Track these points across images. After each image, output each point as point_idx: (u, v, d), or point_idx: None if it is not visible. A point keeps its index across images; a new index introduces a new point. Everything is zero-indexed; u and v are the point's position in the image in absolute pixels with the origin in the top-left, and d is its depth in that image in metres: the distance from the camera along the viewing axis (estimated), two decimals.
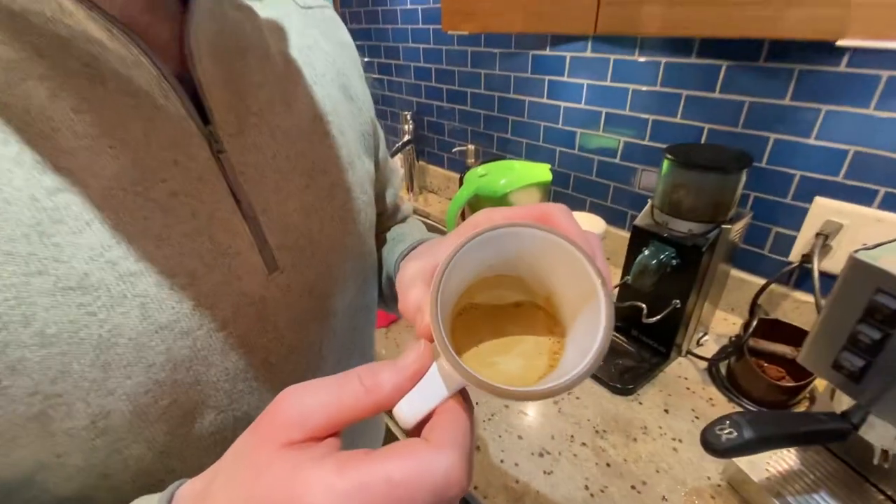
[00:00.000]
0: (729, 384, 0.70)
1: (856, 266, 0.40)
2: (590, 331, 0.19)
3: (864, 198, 0.66)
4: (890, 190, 0.64)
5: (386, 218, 0.50)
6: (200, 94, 0.25)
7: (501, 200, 0.90)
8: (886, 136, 0.62)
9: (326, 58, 0.36)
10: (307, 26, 0.35)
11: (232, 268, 0.27)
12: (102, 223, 0.22)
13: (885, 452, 0.45)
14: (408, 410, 0.19)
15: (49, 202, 0.20)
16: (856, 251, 0.40)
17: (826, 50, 0.63)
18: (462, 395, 0.20)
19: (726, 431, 0.44)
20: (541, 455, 0.62)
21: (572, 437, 0.64)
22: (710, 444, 0.44)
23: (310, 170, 0.32)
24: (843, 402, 0.46)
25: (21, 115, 0.20)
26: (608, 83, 0.89)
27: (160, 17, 0.24)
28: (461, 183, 1.09)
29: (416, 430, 0.19)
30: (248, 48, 0.29)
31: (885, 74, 0.60)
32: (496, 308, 0.25)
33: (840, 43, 0.41)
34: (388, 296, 0.46)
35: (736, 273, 0.81)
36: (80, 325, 0.21)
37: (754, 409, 0.66)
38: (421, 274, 0.24)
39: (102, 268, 0.22)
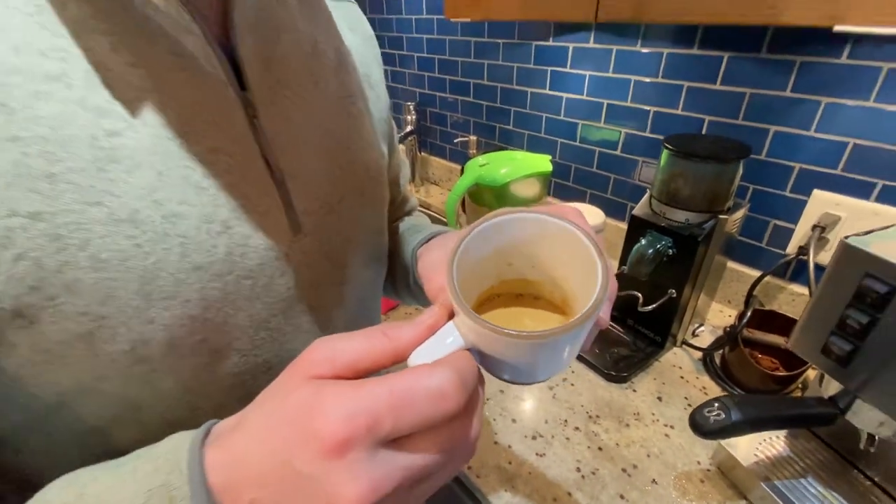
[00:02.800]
0: (723, 374, 0.71)
1: (846, 251, 0.41)
2: (590, 291, 0.20)
3: (861, 191, 0.67)
4: (888, 183, 0.64)
5: (396, 206, 0.52)
6: (240, 64, 0.28)
7: (502, 190, 0.91)
8: (886, 129, 0.62)
9: (353, 47, 0.39)
10: (336, 17, 0.38)
11: (261, 224, 0.29)
12: (151, 167, 0.24)
13: (871, 437, 0.46)
14: (422, 358, 0.21)
15: (106, 143, 0.23)
16: (846, 237, 0.41)
17: (827, 41, 0.63)
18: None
19: (714, 413, 0.45)
20: (534, 438, 0.62)
21: (566, 421, 0.65)
22: (699, 425, 0.45)
23: (334, 144, 0.34)
24: (831, 388, 0.46)
25: (84, 65, 0.22)
26: (610, 74, 0.89)
27: None
28: (462, 174, 1.09)
29: None
30: (281, 28, 0.31)
31: (885, 66, 0.60)
32: (515, 298, 0.27)
33: (837, 29, 0.41)
34: (398, 280, 0.48)
35: (733, 265, 0.82)
36: (128, 254, 0.23)
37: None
38: (443, 260, 0.27)
39: (149, 206, 0.24)
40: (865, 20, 0.40)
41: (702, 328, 0.81)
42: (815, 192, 0.70)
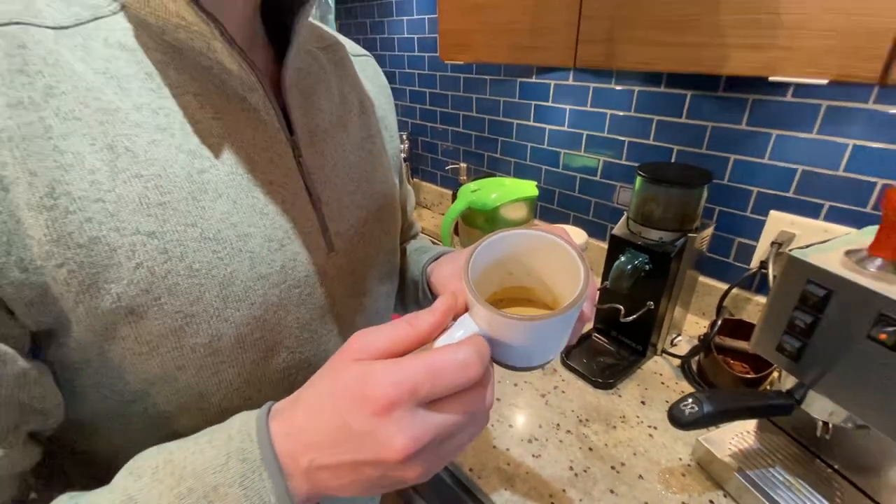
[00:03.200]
0: (699, 379, 0.77)
1: (791, 262, 0.48)
2: (575, 290, 0.26)
3: (811, 211, 0.75)
4: (833, 204, 0.73)
5: (403, 231, 0.58)
6: (288, 113, 0.34)
7: (492, 213, 0.98)
8: (829, 157, 0.71)
9: (373, 96, 0.46)
10: (359, 69, 0.45)
11: (305, 243, 0.35)
12: (228, 197, 0.30)
13: (825, 425, 0.52)
14: (445, 341, 0.26)
15: (198, 178, 0.29)
16: (790, 250, 0.48)
17: (772, 83, 0.73)
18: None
19: (689, 407, 0.51)
20: (530, 441, 0.67)
21: (558, 425, 0.70)
22: (676, 418, 0.51)
23: (359, 178, 0.41)
24: (788, 382, 0.53)
25: (181, 118, 0.28)
26: (588, 108, 0.99)
27: (258, 46, 0.34)
28: (454, 198, 1.17)
29: None
30: (318, 84, 0.38)
31: (824, 104, 0.70)
32: (514, 301, 0.34)
33: (772, 78, 0.50)
34: (410, 298, 0.53)
35: (704, 279, 0.89)
36: (212, 265, 0.29)
37: None
38: (454, 273, 0.38)
39: (228, 227, 0.30)
40: (795, 72, 0.48)
41: (679, 338, 0.88)
42: (772, 212, 0.79)
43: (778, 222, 0.78)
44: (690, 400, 0.51)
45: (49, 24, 0.25)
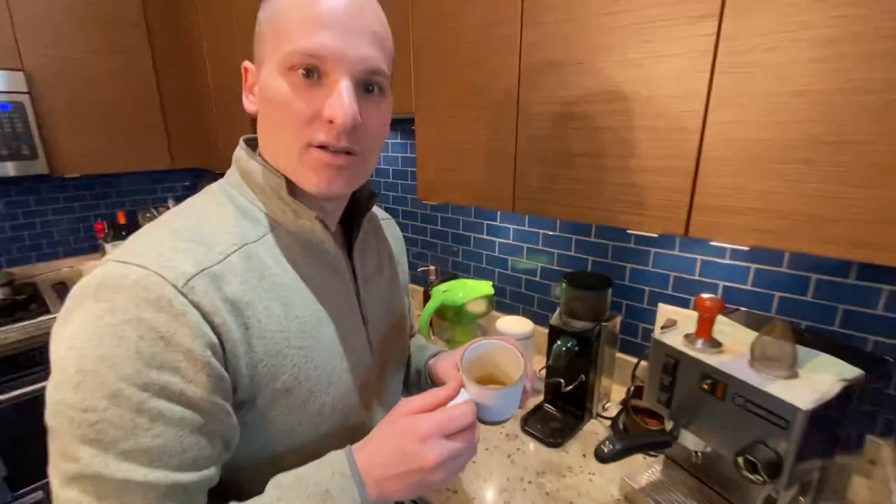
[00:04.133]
0: (625, 434, 1.01)
1: (655, 343, 0.76)
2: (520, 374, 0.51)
3: (684, 303, 1.07)
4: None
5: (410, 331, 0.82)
6: (355, 266, 0.58)
7: (460, 308, 1.23)
8: (687, 267, 1.05)
9: (393, 247, 0.72)
10: (384, 229, 0.71)
11: (362, 351, 0.57)
12: (330, 325, 0.52)
13: (696, 453, 0.77)
14: (454, 403, 0.49)
15: (317, 317, 0.51)
16: (654, 335, 0.76)
17: None
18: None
19: (606, 446, 0.74)
20: (500, 492, 0.86)
21: (521, 478, 0.90)
22: (598, 454, 0.74)
23: (388, 304, 0.65)
24: (669, 425, 0.78)
25: (310, 284, 0.51)
26: (526, 228, 1.32)
27: (331, 221, 0.57)
28: (425, 295, 1.42)
29: None
30: (367, 247, 0.63)
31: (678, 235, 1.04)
32: (488, 381, 0.57)
33: (629, 231, 0.82)
34: (412, 381, 0.75)
35: (621, 356, 1.17)
36: (324, 364, 0.51)
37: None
38: (452, 365, 0.61)
39: (331, 342, 0.52)
40: (642, 229, 0.80)
41: (609, 403, 1.12)
42: (660, 305, 1.10)
43: (664, 311, 1.09)
44: (607, 441, 0.75)
45: (253, 240, 0.49)
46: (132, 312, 0.39)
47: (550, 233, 1.27)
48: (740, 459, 0.62)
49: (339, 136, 0.45)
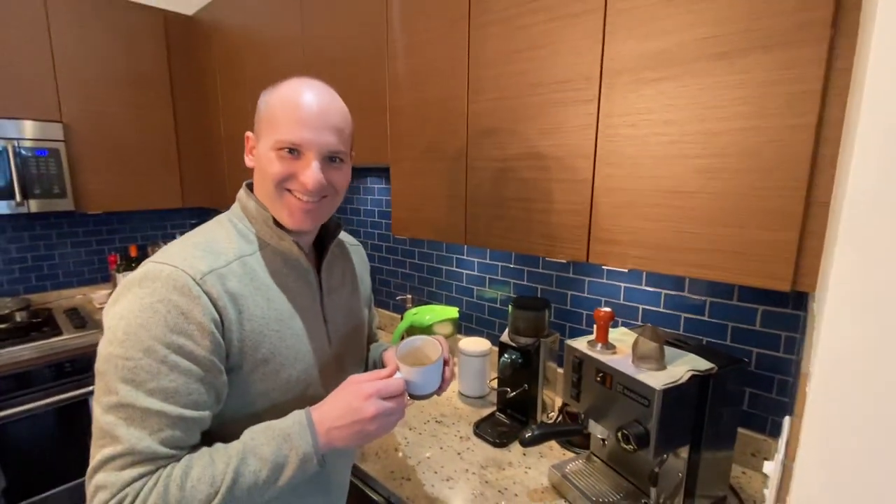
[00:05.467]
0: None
1: (567, 347, 0.94)
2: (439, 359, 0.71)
3: (614, 324, 1.26)
4: (622, 319, 1.24)
5: (370, 337, 1.00)
6: (322, 278, 0.78)
7: (427, 329, 1.41)
8: (613, 292, 1.25)
9: (357, 268, 0.91)
10: (351, 253, 0.92)
11: (322, 340, 0.76)
12: (298, 317, 0.72)
13: (603, 440, 0.93)
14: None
15: (290, 311, 0.71)
16: (566, 340, 0.95)
17: None
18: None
19: (528, 433, 0.91)
20: (447, 479, 1.01)
21: (467, 469, 1.05)
22: (522, 439, 0.91)
23: (348, 311, 0.84)
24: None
25: (286, 288, 0.71)
26: (488, 261, 1.52)
27: (306, 244, 0.78)
28: (402, 319, 1.60)
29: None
30: (333, 265, 0.83)
31: (605, 268, 1.25)
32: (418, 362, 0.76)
33: (549, 259, 1.02)
34: (370, 369, 0.93)
35: (560, 370, 1.34)
36: (293, 343, 0.70)
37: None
38: (394, 353, 0.77)
39: (299, 329, 0.71)
40: (561, 257, 1.00)
41: (553, 413, 1.28)
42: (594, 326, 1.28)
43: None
44: (528, 429, 0.91)
45: (248, 254, 0.70)
46: (164, 295, 0.59)
47: (508, 265, 1.47)
48: (619, 434, 0.80)
49: (310, 194, 0.68)
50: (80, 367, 1.86)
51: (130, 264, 2.37)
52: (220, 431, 0.66)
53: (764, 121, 0.70)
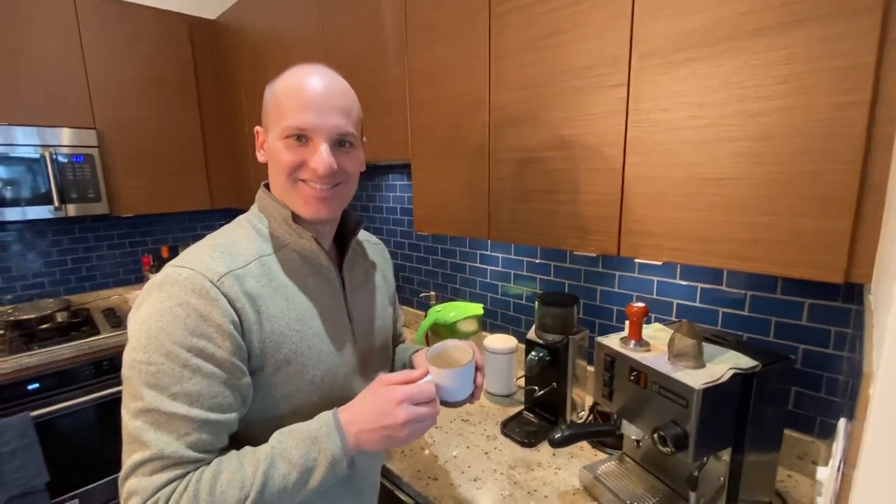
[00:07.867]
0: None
1: (598, 345, 0.91)
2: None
3: (647, 321, 1.20)
4: (655, 315, 1.19)
5: (395, 337, 0.99)
6: (344, 277, 0.77)
7: (452, 326, 1.39)
8: (646, 287, 1.19)
9: (380, 265, 0.90)
10: (373, 252, 0.90)
11: (346, 340, 0.75)
12: (320, 317, 0.71)
13: (637, 441, 0.89)
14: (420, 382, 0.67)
15: (311, 311, 0.70)
16: (597, 338, 0.91)
17: None
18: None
19: (558, 432, 0.88)
20: (474, 480, 0.99)
21: (495, 470, 1.03)
22: (552, 440, 0.88)
23: (372, 309, 0.83)
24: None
25: (307, 287, 0.70)
26: (512, 256, 1.49)
27: (326, 242, 0.76)
28: (426, 317, 1.59)
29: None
30: (355, 263, 0.82)
31: (637, 262, 1.20)
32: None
33: (577, 253, 0.98)
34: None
35: (591, 368, 1.29)
36: (316, 344, 0.69)
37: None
38: (424, 356, 0.76)
39: (320, 330, 0.70)
40: (590, 250, 0.97)
41: (583, 412, 1.24)
42: (626, 322, 1.23)
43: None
44: (557, 429, 0.88)
45: (267, 254, 0.69)
46: (183, 298, 0.58)
47: (533, 260, 1.44)
48: (655, 436, 0.76)
49: (321, 180, 0.66)
50: (117, 364, 1.92)
51: (162, 265, 2.43)
52: (247, 434, 0.66)
53: (811, 98, 0.65)
